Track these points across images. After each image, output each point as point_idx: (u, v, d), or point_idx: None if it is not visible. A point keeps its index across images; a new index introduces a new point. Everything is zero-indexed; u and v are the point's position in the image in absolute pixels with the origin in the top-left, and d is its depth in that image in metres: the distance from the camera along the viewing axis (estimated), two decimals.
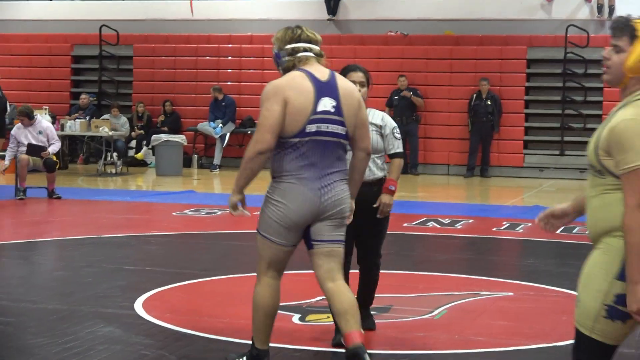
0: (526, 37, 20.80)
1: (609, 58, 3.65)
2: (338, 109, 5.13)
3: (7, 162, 14.41)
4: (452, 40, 21.11)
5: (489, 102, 19.77)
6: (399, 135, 6.20)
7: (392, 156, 6.18)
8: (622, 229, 3.51)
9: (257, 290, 5.24)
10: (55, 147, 14.53)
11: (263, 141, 4.99)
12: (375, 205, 6.00)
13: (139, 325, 6.37)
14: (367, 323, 6.25)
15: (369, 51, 21.14)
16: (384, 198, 6.02)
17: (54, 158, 14.51)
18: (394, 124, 6.23)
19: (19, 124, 14.47)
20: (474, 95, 19.90)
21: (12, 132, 14.46)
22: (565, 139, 20.07)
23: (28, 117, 14.28)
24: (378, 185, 6.06)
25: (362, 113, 5.28)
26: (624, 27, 3.61)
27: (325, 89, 5.13)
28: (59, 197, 14.15)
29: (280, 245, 5.14)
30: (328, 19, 22.09)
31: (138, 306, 6.92)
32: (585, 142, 16.47)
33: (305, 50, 5.20)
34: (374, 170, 6.06)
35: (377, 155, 6.07)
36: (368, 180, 5.90)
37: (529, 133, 20.60)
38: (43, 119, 14.85)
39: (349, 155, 5.33)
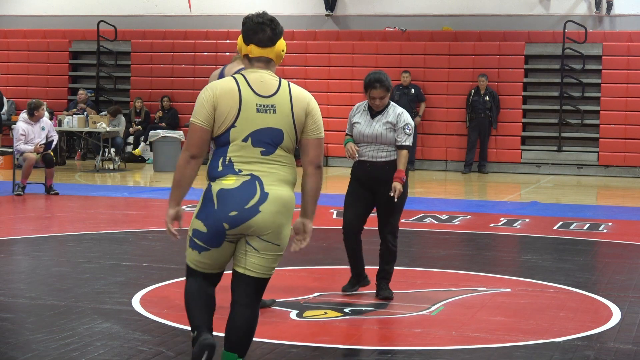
0: (524, 32, 20.80)
1: None
2: None
3: (32, 149, 14.21)
4: (451, 36, 21.11)
5: (487, 98, 19.77)
6: (409, 131, 7.08)
7: (399, 147, 7.07)
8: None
9: None
10: (55, 139, 14.81)
11: None
12: (391, 194, 7.02)
13: (136, 322, 6.37)
14: (386, 293, 7.23)
15: (368, 47, 21.14)
16: (397, 186, 7.01)
17: (52, 153, 14.52)
18: (407, 121, 7.08)
19: (24, 122, 14.31)
20: (473, 91, 19.90)
21: (23, 127, 14.25)
22: (563, 134, 20.07)
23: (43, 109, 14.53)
24: (389, 165, 7.10)
25: None
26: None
27: None
28: (57, 193, 14.14)
29: None
30: (326, 15, 22.09)
31: (136, 302, 6.92)
32: (583, 138, 16.56)
33: None
34: (385, 154, 7.10)
35: (387, 146, 7.09)
36: (382, 161, 7.08)
37: (526, 129, 20.60)
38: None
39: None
